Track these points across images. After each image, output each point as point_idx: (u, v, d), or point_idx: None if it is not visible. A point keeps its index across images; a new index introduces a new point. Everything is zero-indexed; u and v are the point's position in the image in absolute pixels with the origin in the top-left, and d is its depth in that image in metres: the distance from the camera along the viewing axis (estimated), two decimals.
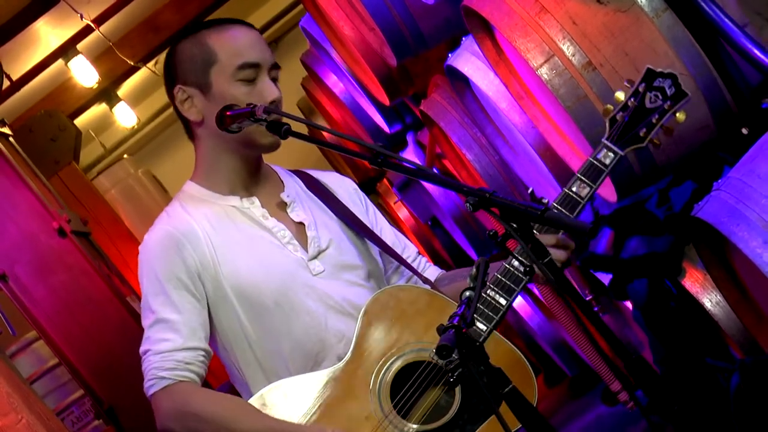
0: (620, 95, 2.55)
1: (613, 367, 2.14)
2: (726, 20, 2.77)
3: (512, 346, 2.53)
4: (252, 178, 2.70)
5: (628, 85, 2.55)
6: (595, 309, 4.90)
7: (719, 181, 2.71)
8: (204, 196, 2.68)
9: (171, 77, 2.70)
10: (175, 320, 2.55)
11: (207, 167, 2.70)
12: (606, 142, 2.51)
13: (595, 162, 2.50)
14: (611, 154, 2.50)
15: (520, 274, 2.43)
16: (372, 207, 2.87)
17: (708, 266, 2.87)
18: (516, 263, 2.42)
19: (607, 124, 2.54)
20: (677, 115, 2.53)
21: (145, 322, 2.60)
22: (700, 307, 3.34)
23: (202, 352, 2.57)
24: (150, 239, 2.64)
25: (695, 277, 3.39)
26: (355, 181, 2.95)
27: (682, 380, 3.91)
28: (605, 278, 4.38)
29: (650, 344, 4.15)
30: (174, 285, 2.57)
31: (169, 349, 2.53)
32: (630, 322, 4.72)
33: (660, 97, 2.52)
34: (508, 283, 2.43)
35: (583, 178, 2.49)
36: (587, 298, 4.92)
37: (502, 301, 2.42)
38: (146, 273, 2.61)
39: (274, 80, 2.65)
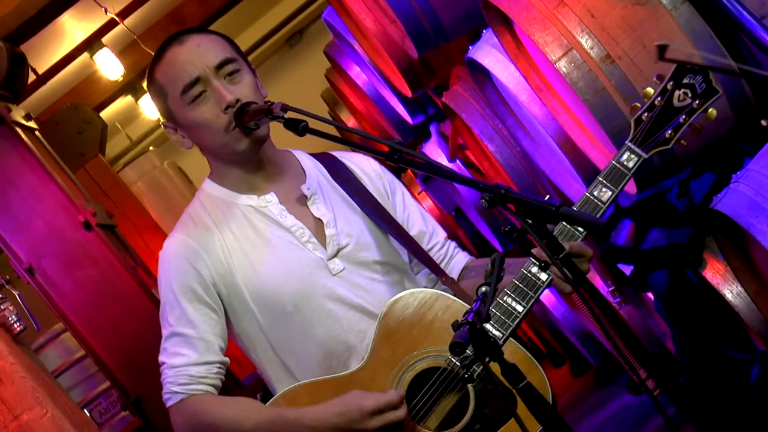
0: (650, 90, 2.43)
1: (628, 362, 2.13)
2: (744, 12, 2.76)
3: (529, 354, 2.48)
4: (265, 174, 2.67)
5: (658, 82, 2.43)
6: (616, 300, 4.89)
7: (738, 173, 2.70)
8: (223, 195, 2.67)
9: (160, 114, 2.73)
10: (189, 335, 2.57)
11: (219, 172, 2.70)
12: (630, 144, 2.41)
13: (617, 165, 2.40)
14: (635, 157, 2.40)
15: (537, 281, 2.38)
16: (400, 189, 2.83)
17: (728, 257, 2.87)
18: (534, 269, 2.38)
19: (632, 125, 2.43)
20: (708, 111, 2.40)
21: (163, 332, 2.62)
22: (721, 298, 3.33)
23: (218, 365, 2.59)
24: (168, 247, 2.65)
25: (716, 268, 3.38)
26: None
27: (704, 371, 3.90)
28: (628, 269, 4.37)
29: (672, 335, 4.14)
30: (188, 298, 2.58)
31: (184, 364, 2.56)
32: (653, 312, 4.72)
33: (689, 95, 2.40)
34: (525, 289, 2.38)
35: (604, 181, 2.40)
36: (609, 290, 4.91)
37: (519, 308, 2.38)
38: (163, 284, 2.63)
39: (231, 75, 2.59)
